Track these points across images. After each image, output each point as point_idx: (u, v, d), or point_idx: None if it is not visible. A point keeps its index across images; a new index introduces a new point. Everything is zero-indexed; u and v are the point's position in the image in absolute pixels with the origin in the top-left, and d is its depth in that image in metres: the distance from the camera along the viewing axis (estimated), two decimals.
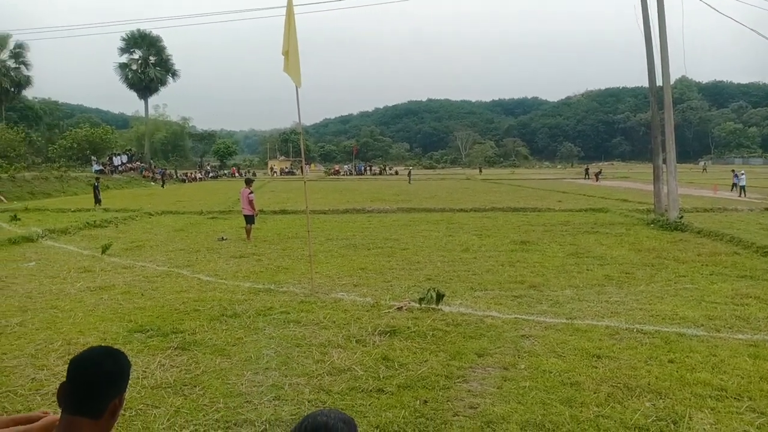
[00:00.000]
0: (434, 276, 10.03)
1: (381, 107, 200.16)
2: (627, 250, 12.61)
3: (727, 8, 18.01)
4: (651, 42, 18.80)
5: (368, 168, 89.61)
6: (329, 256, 12.21)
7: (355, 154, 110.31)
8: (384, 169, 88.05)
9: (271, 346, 6.20)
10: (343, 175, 79.51)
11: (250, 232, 14.99)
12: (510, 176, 66.28)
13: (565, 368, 5.46)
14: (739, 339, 6.34)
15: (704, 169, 75.99)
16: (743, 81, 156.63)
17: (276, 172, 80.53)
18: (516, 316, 7.30)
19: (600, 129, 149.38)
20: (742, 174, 32.58)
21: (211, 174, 71.93)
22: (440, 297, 7.75)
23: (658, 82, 18.77)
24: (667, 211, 17.71)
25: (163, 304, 8.11)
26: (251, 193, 15.29)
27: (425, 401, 4.78)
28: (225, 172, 78.63)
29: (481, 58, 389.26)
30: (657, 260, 11.40)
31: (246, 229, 15.07)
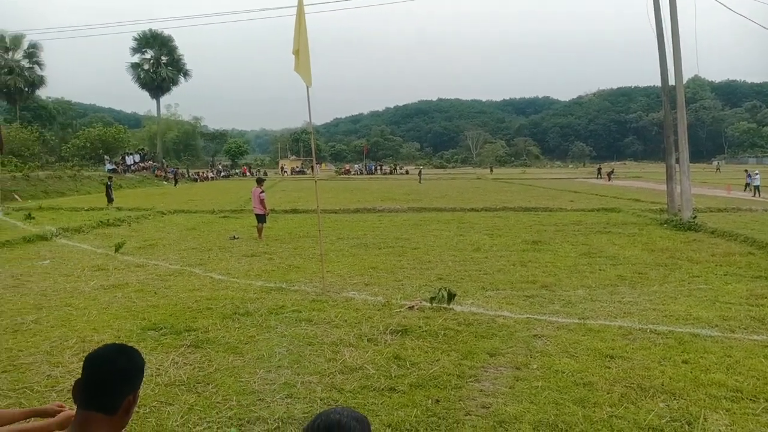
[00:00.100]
0: (445, 275, 10.02)
1: (391, 107, 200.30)
2: (640, 250, 12.53)
3: (740, 6, 17.89)
4: (663, 41, 18.69)
5: (379, 167, 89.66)
6: (340, 255, 12.24)
7: (365, 154, 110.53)
8: (394, 168, 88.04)
9: (283, 345, 6.22)
10: (354, 174, 79.56)
11: (261, 231, 15.05)
12: (521, 176, 66.08)
13: (578, 368, 5.43)
14: (755, 340, 6.28)
15: (718, 169, 75.25)
16: (757, 80, 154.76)
17: (286, 172, 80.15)
18: (528, 315, 7.28)
19: (612, 128, 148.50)
20: (756, 174, 32.30)
21: (222, 173, 72.25)
22: (451, 296, 7.74)
23: (671, 82, 18.64)
24: (680, 210, 17.59)
25: (176, 302, 8.17)
26: (262, 192, 15.34)
27: (437, 400, 4.78)
28: (236, 171, 78.93)
29: (492, 58, 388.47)
30: (670, 260, 11.32)
31: (257, 228, 15.13)
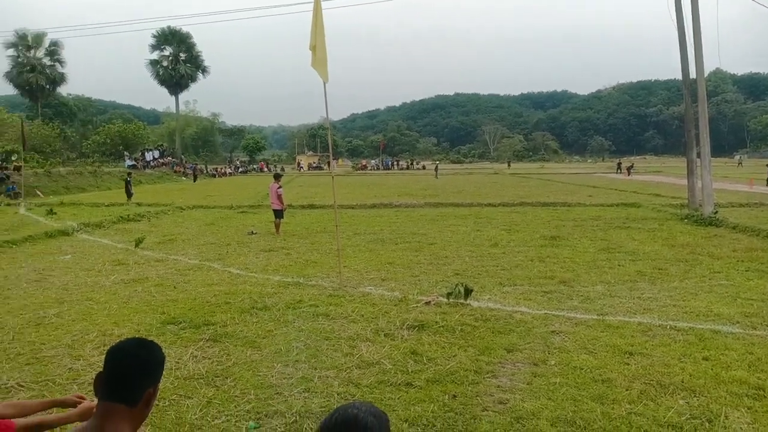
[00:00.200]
0: (462, 271, 9.99)
1: (408, 102, 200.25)
2: (660, 246, 12.38)
3: None
4: (684, 33, 18.41)
5: (395, 163, 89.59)
6: (357, 251, 12.26)
7: (382, 149, 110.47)
8: (411, 163, 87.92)
9: (300, 339, 6.25)
10: (371, 169, 79.52)
11: (279, 226, 15.12)
12: (539, 170, 65.57)
13: (597, 365, 5.39)
14: None
15: (740, 163, 74.02)
16: None
17: (302, 168, 79.88)
18: (546, 311, 7.23)
19: (632, 122, 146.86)
20: None
21: (240, 169, 72.70)
22: (468, 292, 7.72)
23: (692, 75, 18.38)
24: (701, 205, 17.35)
25: (194, 296, 8.25)
26: (280, 187, 15.40)
27: (454, 396, 4.78)
28: (254, 167, 79.30)
29: (510, 52, 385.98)
30: (691, 256, 11.16)
31: (275, 223, 15.20)
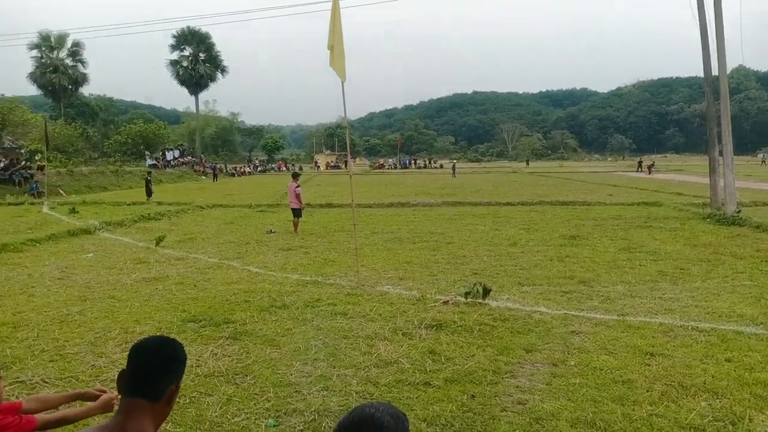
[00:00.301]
0: (480, 270, 9.95)
1: (426, 100, 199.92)
2: (682, 245, 12.21)
3: None
4: (706, 29, 18.10)
5: (413, 161, 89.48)
6: (375, 250, 12.27)
7: (399, 148, 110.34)
8: (429, 162, 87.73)
9: (319, 338, 6.28)
10: (388, 168, 79.52)
11: (297, 225, 15.19)
12: (558, 169, 65.06)
13: (617, 365, 5.34)
14: None
15: (763, 161, 72.65)
16: None
17: (319, 167, 79.50)
18: (565, 311, 7.17)
19: (652, 120, 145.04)
20: None
21: (259, 168, 73.15)
22: (487, 291, 7.68)
23: (714, 72, 18.05)
24: (723, 204, 17.08)
25: (214, 294, 8.32)
26: (298, 186, 15.47)
27: (473, 396, 4.77)
28: (272, 166, 79.70)
29: (529, 49, 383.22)
30: (713, 256, 11.00)
31: (293, 222, 15.28)
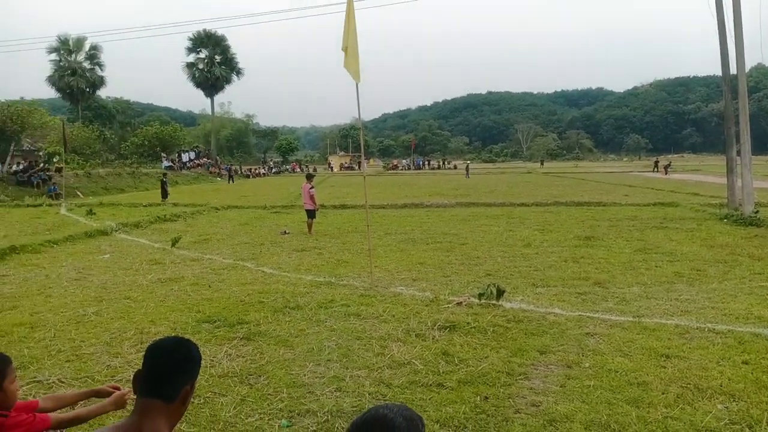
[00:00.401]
0: (494, 271, 9.91)
1: (440, 101, 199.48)
2: (698, 246, 12.08)
3: None
4: (724, 27, 17.90)
5: (426, 162, 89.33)
6: (388, 251, 12.28)
7: (413, 149, 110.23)
8: (443, 163, 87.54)
9: (332, 339, 6.30)
10: (402, 169, 79.38)
11: (311, 226, 15.24)
12: (573, 169, 64.59)
13: (632, 368, 5.30)
14: None
15: None
16: None
17: (332, 168, 79.01)
18: (580, 313, 7.13)
19: (669, 120, 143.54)
20: None
21: (273, 169, 73.46)
22: (501, 293, 7.65)
23: (732, 70, 17.86)
24: (741, 205, 16.89)
25: (229, 295, 8.38)
26: (312, 188, 15.53)
27: (486, 397, 4.75)
28: (287, 167, 79.99)
29: (544, 49, 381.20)
30: (730, 257, 10.86)
31: (307, 223, 15.34)
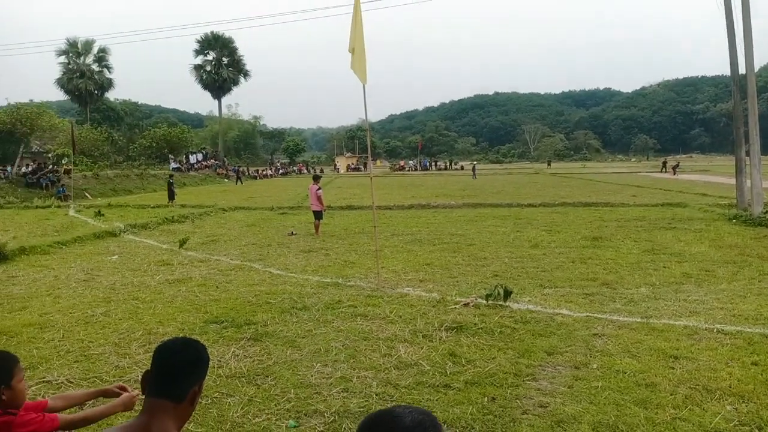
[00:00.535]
0: (501, 272, 9.90)
1: (446, 102, 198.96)
2: (707, 247, 12.01)
3: None
4: (733, 26, 17.78)
5: (433, 163, 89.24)
6: (395, 251, 12.28)
7: (419, 150, 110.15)
8: (450, 164, 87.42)
9: (339, 339, 6.31)
10: (408, 170, 79.29)
11: (318, 227, 15.27)
12: (581, 170, 64.33)
13: (640, 368, 5.27)
14: None
15: None
16: None
17: (339, 169, 78.77)
18: (588, 314, 7.10)
19: (677, 120, 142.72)
20: None
21: (280, 171, 73.57)
22: (508, 294, 7.64)
23: (741, 70, 17.75)
24: (750, 205, 16.79)
25: (236, 296, 8.41)
26: (319, 189, 15.56)
27: (493, 398, 4.74)
28: (293, 168, 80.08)
29: (551, 49, 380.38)
30: (740, 257, 10.80)
31: (314, 224, 15.36)
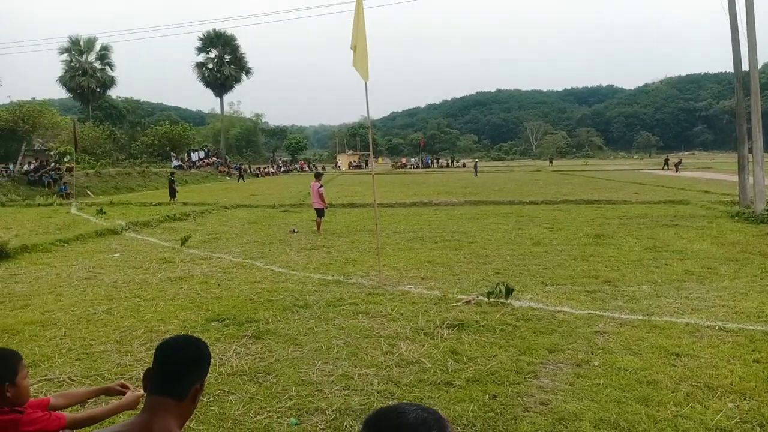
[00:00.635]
0: (503, 270, 9.89)
1: (448, 99, 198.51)
2: (709, 244, 11.99)
3: None
4: (736, 22, 17.72)
5: (435, 161, 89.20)
6: (396, 249, 12.27)
7: (421, 147, 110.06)
8: (452, 161, 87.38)
9: (340, 337, 6.31)
10: (410, 168, 79.25)
11: (320, 224, 15.27)
12: (583, 167, 64.24)
13: (642, 366, 5.27)
14: None
15: None
16: None
17: (340, 167, 78.47)
18: (589, 311, 7.10)
19: (680, 117, 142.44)
20: None
21: (282, 168, 73.58)
22: (509, 291, 7.64)
23: (744, 67, 17.69)
24: (752, 203, 16.76)
25: (238, 294, 8.41)
26: (321, 186, 15.56)
27: (494, 396, 4.74)
28: (295, 166, 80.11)
29: (553, 46, 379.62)
30: (742, 255, 10.78)
31: (316, 222, 15.37)
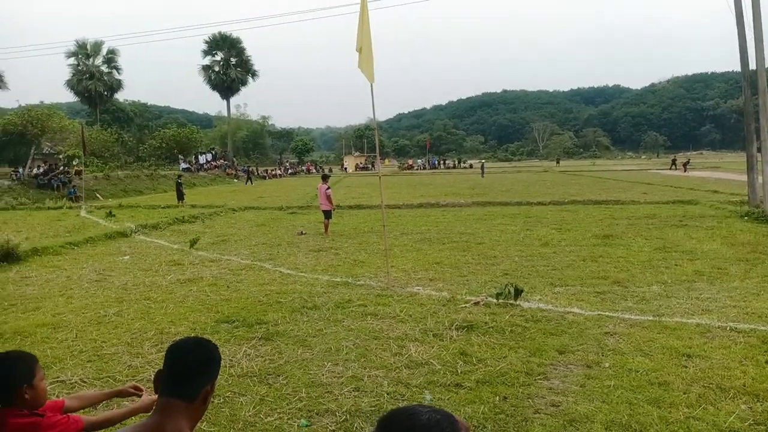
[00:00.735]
0: (512, 271, 9.87)
1: (455, 100, 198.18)
2: (719, 244, 11.92)
3: None
4: (743, 21, 17.62)
5: (442, 162, 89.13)
6: (404, 250, 12.27)
7: (428, 148, 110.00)
8: (458, 162, 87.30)
9: (349, 338, 6.32)
10: (417, 169, 79.13)
11: (327, 226, 15.29)
12: (590, 167, 63.99)
13: (653, 367, 5.25)
14: None
15: None
16: None
17: (347, 168, 78.06)
18: (599, 312, 7.07)
19: (687, 117, 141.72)
20: None
21: (289, 170, 73.68)
22: (518, 292, 7.62)
23: (752, 66, 17.59)
24: (762, 202, 16.63)
25: (247, 296, 8.44)
26: (328, 188, 15.58)
27: (505, 397, 4.74)
28: (302, 168, 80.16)
29: (559, 47, 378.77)
30: (752, 255, 10.71)
31: (324, 223, 15.39)
